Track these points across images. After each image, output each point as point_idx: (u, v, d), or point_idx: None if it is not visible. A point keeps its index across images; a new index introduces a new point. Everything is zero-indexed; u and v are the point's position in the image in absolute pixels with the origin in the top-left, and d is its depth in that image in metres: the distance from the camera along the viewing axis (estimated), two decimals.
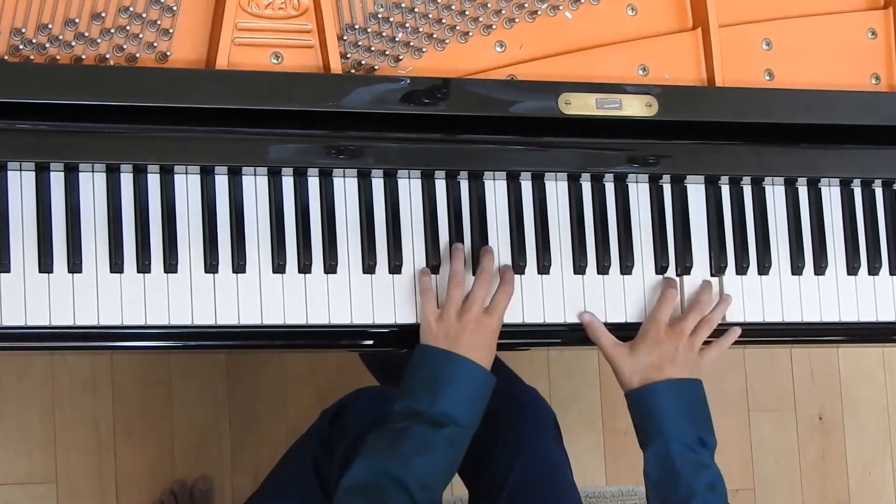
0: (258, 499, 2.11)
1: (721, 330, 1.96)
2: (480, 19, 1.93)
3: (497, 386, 1.87)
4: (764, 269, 2.01)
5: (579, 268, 1.94)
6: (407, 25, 1.89)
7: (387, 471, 1.75)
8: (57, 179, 1.77)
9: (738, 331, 1.97)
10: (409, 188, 1.90)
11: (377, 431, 1.81)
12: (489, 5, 1.92)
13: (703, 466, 1.85)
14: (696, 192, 2.01)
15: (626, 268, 1.96)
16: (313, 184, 1.86)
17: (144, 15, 1.79)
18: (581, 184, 1.96)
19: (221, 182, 1.83)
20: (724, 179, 2.01)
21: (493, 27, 1.93)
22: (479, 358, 1.83)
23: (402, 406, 1.81)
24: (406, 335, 1.88)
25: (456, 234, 1.90)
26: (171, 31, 1.81)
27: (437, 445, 1.78)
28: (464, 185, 1.92)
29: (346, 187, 1.88)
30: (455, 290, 1.85)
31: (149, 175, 1.80)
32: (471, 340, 1.83)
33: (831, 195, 2.06)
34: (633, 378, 1.89)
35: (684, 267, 1.98)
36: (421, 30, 1.90)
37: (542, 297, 1.92)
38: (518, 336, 1.93)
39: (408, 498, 1.74)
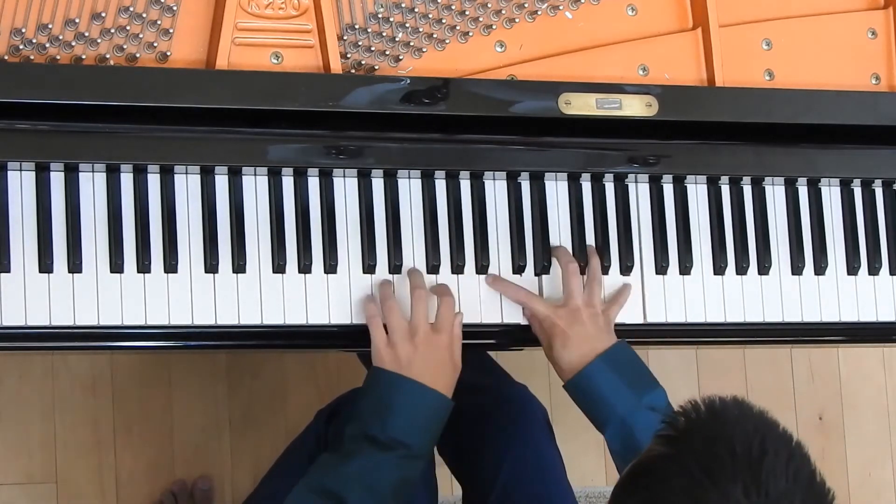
0: (256, 498, 2.12)
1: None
2: (480, 19, 1.93)
3: (486, 384, 1.87)
4: (764, 269, 2.01)
5: (579, 268, 1.94)
6: (407, 25, 1.90)
7: (326, 488, 1.74)
8: (57, 179, 1.77)
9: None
10: (409, 188, 1.90)
11: (325, 454, 1.80)
12: (489, 5, 1.92)
13: None
14: (696, 192, 2.01)
15: (626, 268, 1.96)
16: (313, 184, 1.86)
17: (144, 15, 1.79)
18: (581, 184, 1.96)
19: (221, 182, 1.83)
20: (724, 179, 2.01)
21: (493, 27, 1.93)
22: (434, 380, 1.80)
23: (354, 428, 1.79)
24: None
25: (456, 234, 1.90)
26: (171, 31, 1.81)
27: (384, 467, 1.76)
28: (464, 185, 1.92)
29: (346, 187, 1.88)
30: (391, 314, 1.83)
31: (149, 175, 1.80)
32: (424, 362, 1.80)
33: (831, 195, 2.06)
34: (565, 372, 1.88)
35: (684, 267, 1.98)
36: (421, 30, 1.90)
37: (542, 297, 1.92)
38: (516, 336, 1.93)
39: None
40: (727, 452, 1.28)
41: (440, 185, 1.91)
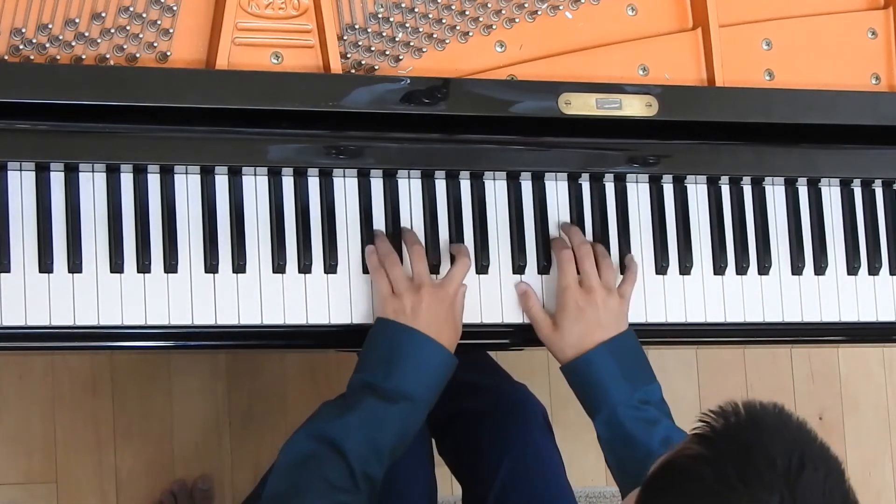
0: (256, 498, 2.12)
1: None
2: (480, 19, 1.93)
3: (486, 384, 1.87)
4: (764, 269, 2.01)
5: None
6: (407, 25, 1.89)
7: (327, 437, 1.73)
8: (57, 179, 1.77)
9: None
10: (409, 188, 1.90)
11: (328, 402, 1.80)
12: (489, 5, 1.92)
13: (652, 423, 1.84)
14: (696, 192, 2.01)
15: (626, 268, 1.96)
16: (313, 184, 1.86)
17: (144, 15, 1.79)
18: (581, 184, 1.96)
19: (221, 182, 1.83)
20: (725, 179, 2.01)
21: (493, 27, 1.93)
22: (438, 333, 1.80)
23: (357, 378, 1.79)
24: None
25: (456, 234, 1.90)
26: (171, 31, 1.81)
27: (385, 420, 1.75)
28: (464, 185, 1.92)
29: (346, 187, 1.88)
30: (394, 267, 1.83)
31: (149, 175, 1.80)
32: (428, 313, 1.80)
33: (831, 195, 2.06)
34: (566, 352, 1.87)
35: (684, 267, 1.98)
36: (421, 30, 1.90)
37: (542, 297, 1.92)
38: (517, 336, 1.93)
39: (345, 467, 1.71)
40: (766, 462, 1.27)
41: (440, 185, 1.91)
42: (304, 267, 1.84)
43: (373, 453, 1.74)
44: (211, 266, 1.81)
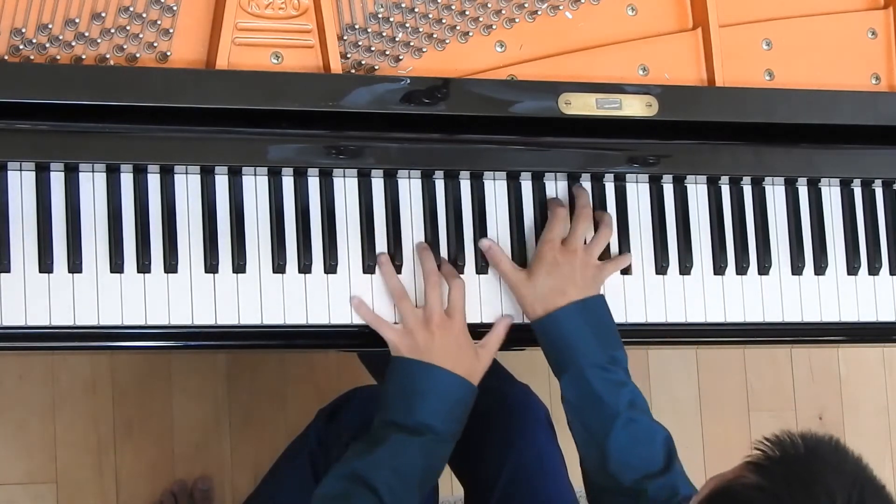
0: (256, 498, 2.12)
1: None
2: (480, 19, 1.93)
3: (488, 385, 1.87)
4: (764, 269, 2.01)
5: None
6: (407, 25, 1.89)
7: (357, 474, 1.74)
8: (57, 179, 1.77)
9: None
10: (409, 188, 1.90)
11: (355, 442, 1.81)
12: (489, 5, 1.92)
13: (619, 385, 1.84)
14: (696, 192, 2.01)
15: (626, 268, 1.96)
16: (313, 184, 1.86)
17: (144, 15, 1.79)
18: (581, 184, 1.96)
19: (221, 182, 1.83)
20: (725, 179, 2.01)
21: (494, 27, 1.93)
22: (455, 364, 1.82)
23: (380, 418, 1.81)
24: None
25: (456, 234, 1.90)
26: (171, 31, 1.81)
27: (411, 452, 1.77)
28: (464, 185, 1.92)
29: (346, 187, 1.88)
30: (403, 303, 1.84)
31: (149, 175, 1.80)
32: (442, 348, 1.81)
33: (831, 195, 2.06)
34: (537, 306, 1.86)
35: (684, 267, 1.98)
36: (421, 30, 1.90)
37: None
38: (517, 336, 1.93)
39: (376, 500, 1.72)
40: (826, 497, 1.27)
41: (440, 185, 1.91)
42: (304, 267, 1.84)
43: (402, 485, 1.75)
44: (211, 266, 1.81)
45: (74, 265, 1.76)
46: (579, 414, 1.85)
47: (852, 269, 2.05)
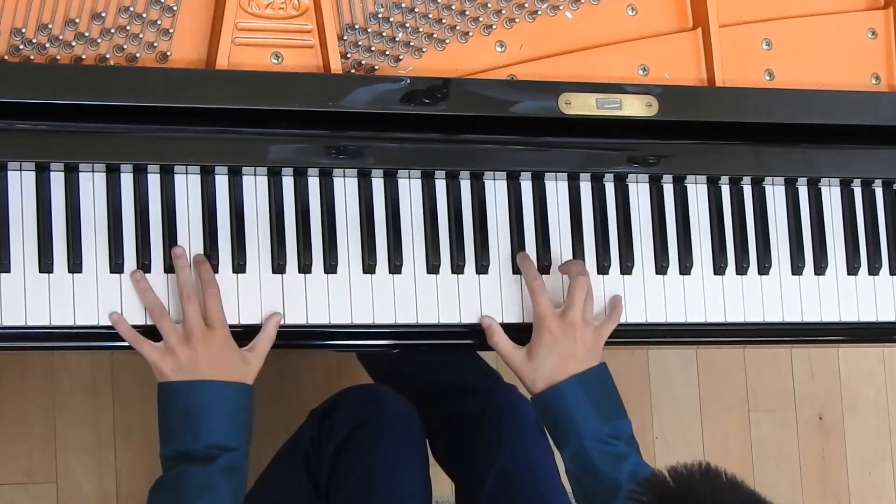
0: (250, 498, 2.11)
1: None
2: (480, 19, 1.93)
3: (477, 386, 1.86)
4: (764, 269, 2.01)
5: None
6: (407, 25, 1.90)
7: None
8: (57, 179, 1.77)
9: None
10: (409, 188, 1.90)
11: (153, 490, 1.77)
12: (489, 5, 1.92)
13: (620, 458, 1.83)
14: (696, 192, 2.01)
15: (627, 268, 1.96)
16: (313, 184, 1.86)
17: (144, 15, 1.79)
18: (581, 184, 1.96)
19: (221, 182, 1.83)
20: (725, 179, 2.01)
21: (494, 27, 1.93)
22: (224, 374, 1.76)
23: (167, 451, 1.77)
24: (404, 335, 1.88)
25: (456, 234, 1.90)
26: (171, 31, 1.81)
27: (215, 480, 1.73)
28: (464, 185, 1.92)
29: (346, 187, 1.88)
30: (161, 321, 1.76)
31: (149, 175, 1.80)
32: (207, 362, 1.75)
33: (831, 195, 2.06)
34: (538, 383, 1.86)
35: (684, 267, 1.98)
36: (421, 30, 1.90)
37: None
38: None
39: None
40: None
41: (440, 185, 1.91)
42: (304, 267, 1.84)
43: None
44: (210, 266, 1.81)
45: (74, 265, 1.76)
46: (581, 486, 1.85)
47: (852, 269, 2.05)
